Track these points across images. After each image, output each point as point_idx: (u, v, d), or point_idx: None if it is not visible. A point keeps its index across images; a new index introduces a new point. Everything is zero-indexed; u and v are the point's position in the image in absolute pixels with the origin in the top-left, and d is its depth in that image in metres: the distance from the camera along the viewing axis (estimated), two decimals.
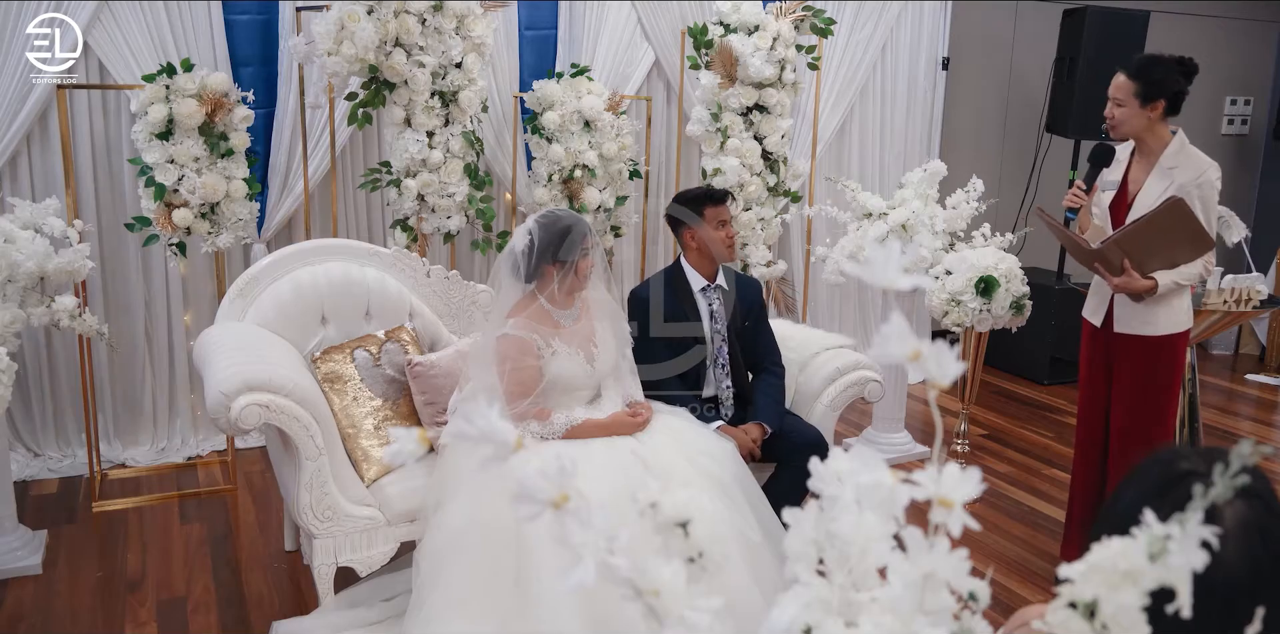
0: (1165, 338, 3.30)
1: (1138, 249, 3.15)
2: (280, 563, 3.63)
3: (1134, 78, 3.15)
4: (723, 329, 3.45)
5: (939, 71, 5.97)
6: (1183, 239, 3.12)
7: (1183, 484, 1.04)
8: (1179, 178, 3.18)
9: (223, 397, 2.81)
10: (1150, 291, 3.18)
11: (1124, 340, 3.34)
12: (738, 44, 4.47)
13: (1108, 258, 3.19)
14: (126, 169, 4.27)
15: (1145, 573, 0.74)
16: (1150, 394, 3.34)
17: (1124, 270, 3.18)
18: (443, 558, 2.69)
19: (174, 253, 3.95)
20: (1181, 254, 3.17)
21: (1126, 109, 3.18)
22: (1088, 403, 3.53)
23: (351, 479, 3.07)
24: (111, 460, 4.44)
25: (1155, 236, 3.12)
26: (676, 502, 0.85)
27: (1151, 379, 3.33)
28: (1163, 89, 3.14)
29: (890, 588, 0.77)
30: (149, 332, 4.52)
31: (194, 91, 3.75)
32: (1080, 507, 3.60)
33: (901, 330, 0.76)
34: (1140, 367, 3.33)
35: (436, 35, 3.92)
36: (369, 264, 3.55)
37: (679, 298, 3.45)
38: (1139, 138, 3.26)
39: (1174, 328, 3.30)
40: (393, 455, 0.86)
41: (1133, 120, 3.20)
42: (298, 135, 4.44)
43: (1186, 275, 3.19)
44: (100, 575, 3.51)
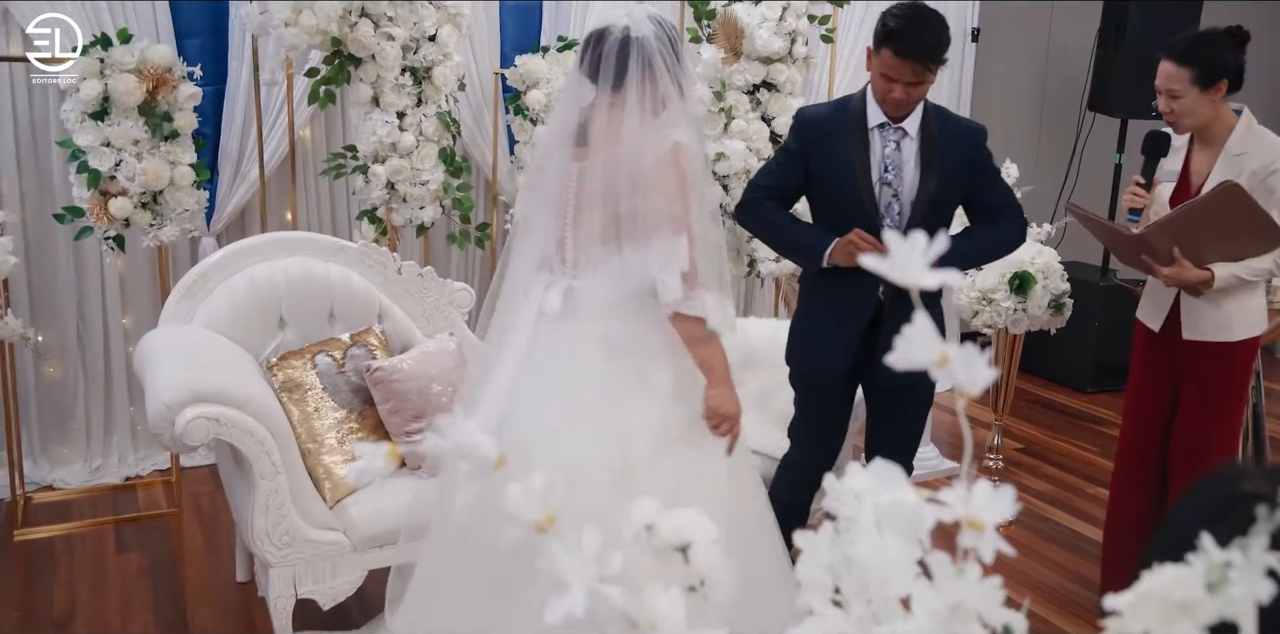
0: (1239, 344, 3.27)
1: (1188, 236, 3.11)
2: (232, 595, 3.62)
3: (1185, 63, 3.09)
4: (899, 184, 3.06)
5: (968, 44, 5.97)
6: (1243, 229, 3.08)
7: (1245, 506, 1.03)
8: (1249, 164, 3.13)
9: (166, 409, 2.80)
10: (1206, 284, 3.14)
11: (1193, 348, 3.29)
12: (743, 14, 4.47)
13: (1153, 245, 3.15)
14: (55, 153, 4.25)
15: (1203, 604, 0.74)
16: (1218, 408, 3.33)
17: (1175, 260, 3.13)
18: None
19: (111, 247, 3.94)
20: (1244, 246, 3.12)
21: (1186, 100, 3.12)
22: (1139, 416, 3.51)
23: (313, 500, 3.07)
24: (37, 482, 4.40)
25: (1208, 224, 3.08)
26: (675, 523, 0.85)
27: (1223, 391, 3.32)
28: (1222, 68, 3.09)
29: (914, 620, 0.77)
30: (81, 336, 4.50)
31: (133, 66, 3.74)
32: (1120, 533, 3.59)
33: (926, 332, 0.76)
34: (1210, 378, 3.31)
35: (407, 4, 3.92)
36: (333, 260, 3.56)
37: (847, 130, 3.09)
38: (1201, 127, 3.21)
39: (1250, 331, 3.28)
40: (359, 474, 0.86)
41: (1198, 110, 3.14)
42: (251, 116, 4.43)
43: (1253, 270, 3.14)
44: (19, 615, 3.48)
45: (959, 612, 0.76)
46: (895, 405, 3.26)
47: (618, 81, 2.54)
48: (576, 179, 2.58)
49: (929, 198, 3.03)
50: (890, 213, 3.05)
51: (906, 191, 3.05)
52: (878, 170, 3.05)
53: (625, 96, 2.54)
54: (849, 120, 3.09)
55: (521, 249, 2.72)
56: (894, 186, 3.05)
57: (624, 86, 2.53)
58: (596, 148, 2.57)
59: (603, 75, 2.54)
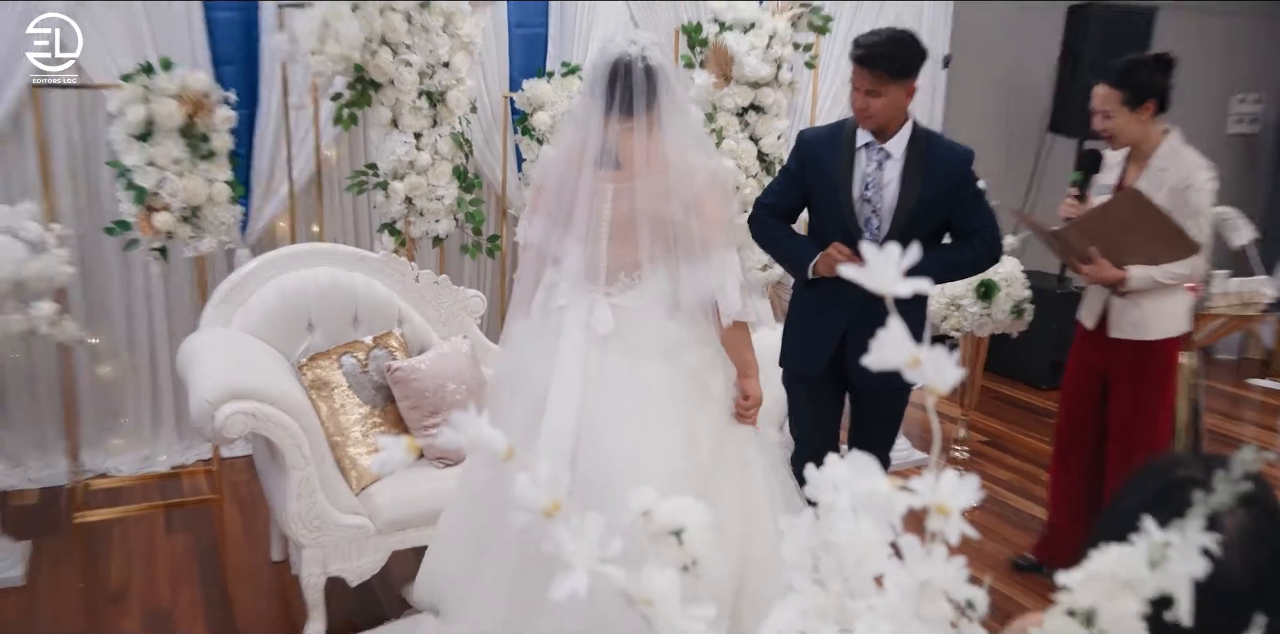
0: (1159, 343, 3.32)
1: (1102, 237, 3.17)
2: (267, 573, 3.63)
3: (1117, 86, 3.19)
4: (879, 201, 3.03)
5: (939, 70, 5.98)
6: (1156, 233, 3.12)
7: (1183, 491, 1.05)
8: (1169, 179, 3.20)
9: (207, 405, 2.81)
10: (1122, 284, 3.21)
11: (1118, 345, 3.36)
12: (733, 42, 4.47)
13: (1072, 243, 3.22)
14: (105, 172, 4.26)
15: (1145, 581, 0.75)
16: (1144, 401, 3.38)
17: (1093, 259, 3.20)
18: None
19: (155, 258, 3.94)
20: (1160, 252, 3.17)
21: (1118, 119, 3.22)
22: (1072, 407, 3.57)
23: (340, 488, 3.08)
24: (93, 470, 4.43)
25: (1118, 225, 3.14)
26: (670, 510, 0.86)
27: (1147, 386, 3.37)
28: (1149, 90, 3.18)
29: (887, 596, 0.78)
30: (130, 338, 4.51)
31: (174, 92, 3.74)
32: (1059, 513, 3.65)
33: (900, 335, 0.77)
34: (1134, 373, 3.36)
35: (423, 33, 3.92)
36: (356, 269, 3.56)
37: (838, 150, 3.08)
38: (1133, 143, 3.29)
39: (1166, 332, 3.32)
40: (381, 464, 0.86)
41: (1128, 128, 3.23)
42: (281, 137, 4.44)
43: (1170, 274, 3.19)
44: (83, 587, 3.50)
45: (927, 589, 0.77)
46: (871, 408, 3.24)
47: (649, 107, 2.48)
48: (610, 200, 2.51)
49: (906, 215, 2.99)
50: (869, 228, 3.03)
51: (885, 208, 3.01)
52: (859, 188, 3.03)
53: (657, 121, 2.49)
54: (840, 141, 3.08)
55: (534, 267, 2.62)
56: (873, 203, 3.02)
57: (654, 112, 2.49)
58: (636, 171, 2.49)
59: (636, 103, 2.47)
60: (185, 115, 3.77)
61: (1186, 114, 3.28)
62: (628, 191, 2.49)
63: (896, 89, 2.93)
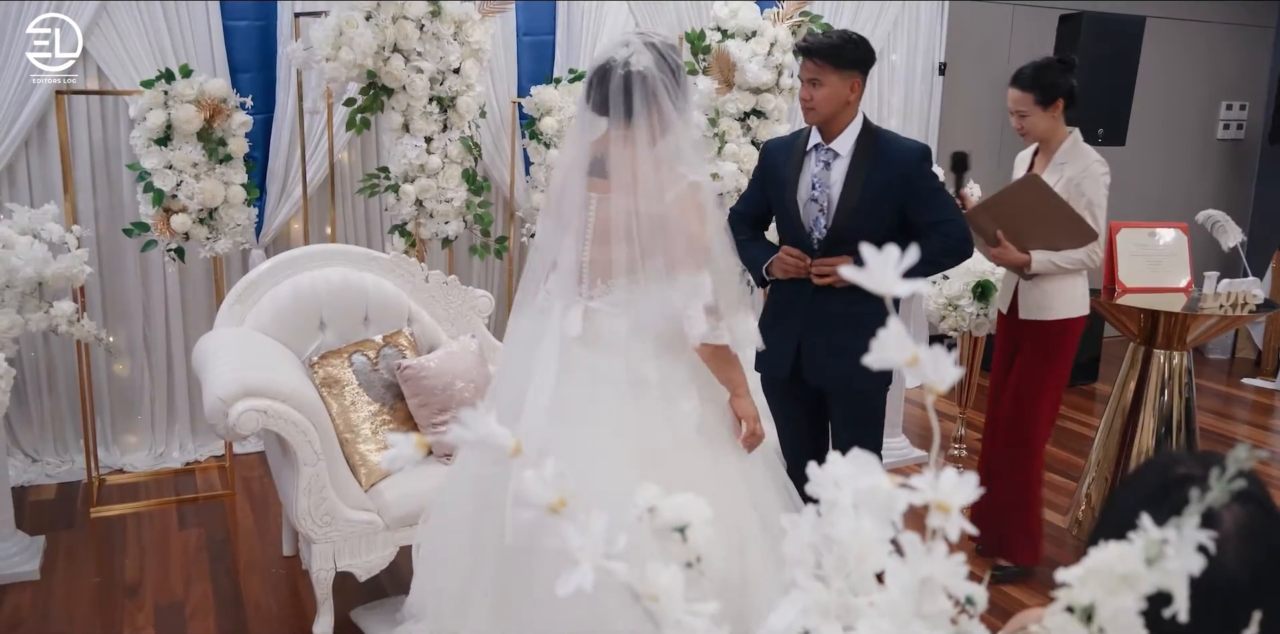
0: (1059, 322, 3.45)
1: (1005, 220, 3.35)
2: (279, 568, 3.62)
3: (1029, 88, 3.39)
4: (825, 200, 2.96)
5: (935, 77, 5.97)
6: (1055, 219, 3.29)
7: (1179, 489, 1.04)
8: (1068, 171, 3.41)
9: (221, 402, 2.80)
10: (1026, 266, 3.37)
11: (1024, 326, 3.50)
12: (735, 49, 4.47)
13: (979, 224, 3.37)
14: (125, 175, 4.27)
15: (1142, 577, 0.74)
16: (1034, 380, 3.49)
17: (1000, 242, 3.38)
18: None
19: (172, 258, 3.95)
20: (1059, 237, 3.33)
21: (1031, 118, 3.42)
22: (994, 383, 3.68)
23: (350, 484, 3.07)
24: (109, 466, 4.44)
25: (1020, 209, 3.32)
26: (675, 506, 0.85)
27: (1042, 365, 3.48)
28: (1057, 90, 3.38)
29: (888, 593, 0.77)
30: (147, 337, 4.51)
31: (192, 97, 3.75)
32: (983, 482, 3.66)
33: (899, 335, 0.76)
34: (1034, 352, 3.49)
35: (435, 41, 3.92)
36: (367, 269, 3.55)
37: (791, 154, 3.03)
38: (1044, 139, 3.49)
39: (1065, 314, 3.45)
40: (390, 460, 0.86)
41: (1041, 124, 3.43)
42: (296, 141, 4.44)
43: (1069, 259, 3.36)
44: (98, 581, 3.50)
45: (928, 585, 0.76)
46: (841, 411, 3.09)
47: (627, 116, 2.37)
48: (595, 208, 2.43)
49: (848, 212, 2.91)
50: (817, 227, 2.97)
51: (830, 208, 2.95)
52: (806, 189, 2.99)
53: (635, 131, 2.38)
54: (795, 145, 3.05)
55: (539, 268, 2.57)
56: (820, 203, 2.96)
57: (632, 120, 2.37)
58: (617, 182, 2.39)
59: (613, 111, 2.37)
60: (203, 120, 3.78)
61: (1178, 120, 3.30)
62: (606, 202, 2.41)
63: (837, 79, 2.88)
